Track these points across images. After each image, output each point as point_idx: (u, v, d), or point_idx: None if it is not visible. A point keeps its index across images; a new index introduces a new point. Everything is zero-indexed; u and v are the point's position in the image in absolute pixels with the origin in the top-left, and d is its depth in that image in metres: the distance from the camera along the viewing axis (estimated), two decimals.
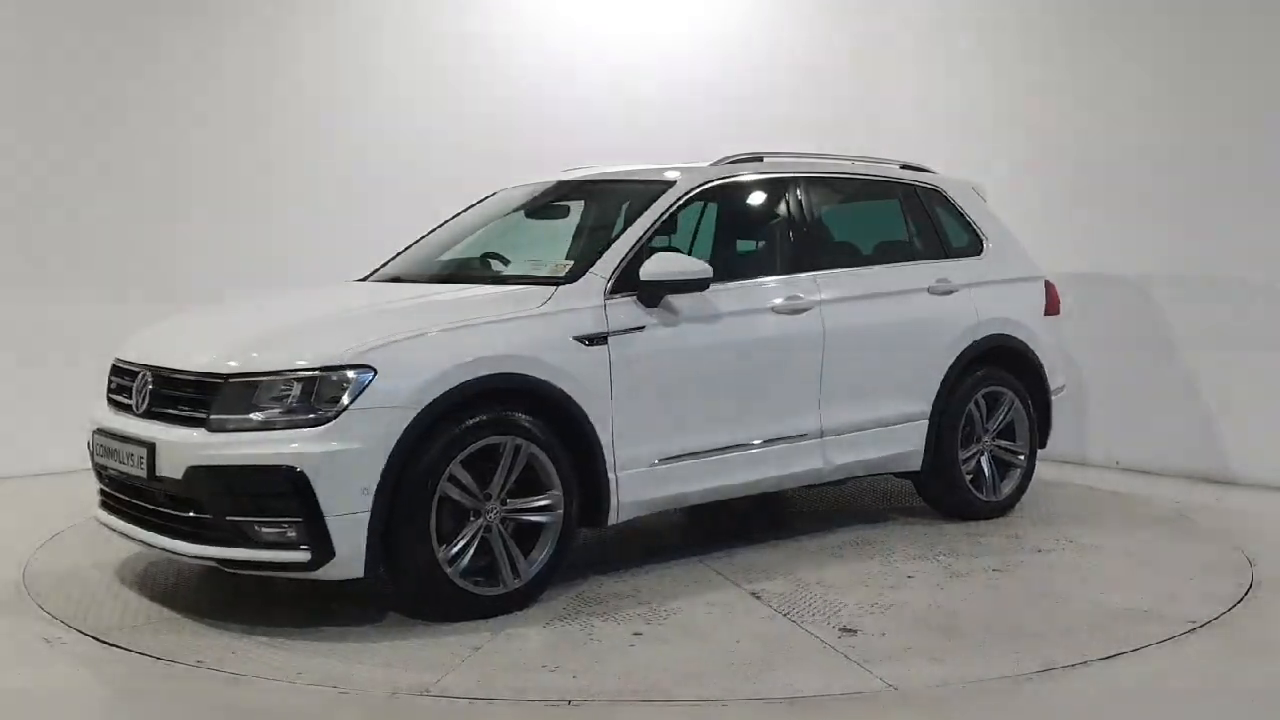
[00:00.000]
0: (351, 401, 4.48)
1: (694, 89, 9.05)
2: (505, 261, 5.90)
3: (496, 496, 4.79)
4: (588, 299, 5.13)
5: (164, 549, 4.70)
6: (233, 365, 4.62)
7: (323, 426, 4.45)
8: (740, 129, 8.36)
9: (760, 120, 8.87)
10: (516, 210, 6.30)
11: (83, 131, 7.59)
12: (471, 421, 4.69)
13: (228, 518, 4.50)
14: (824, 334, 5.78)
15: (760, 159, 6.04)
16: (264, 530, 4.47)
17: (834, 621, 4.72)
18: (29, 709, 3.95)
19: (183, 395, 4.71)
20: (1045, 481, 7.26)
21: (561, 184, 6.30)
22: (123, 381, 5.09)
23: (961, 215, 6.73)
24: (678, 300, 5.33)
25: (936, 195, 6.68)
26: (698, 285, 5.28)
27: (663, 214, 5.52)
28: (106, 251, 7.67)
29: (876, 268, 6.26)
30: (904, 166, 6.71)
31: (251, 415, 4.52)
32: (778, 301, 5.69)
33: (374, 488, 4.47)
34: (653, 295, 5.24)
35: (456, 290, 5.33)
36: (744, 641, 4.50)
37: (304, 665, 4.18)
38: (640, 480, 5.20)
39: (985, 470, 6.50)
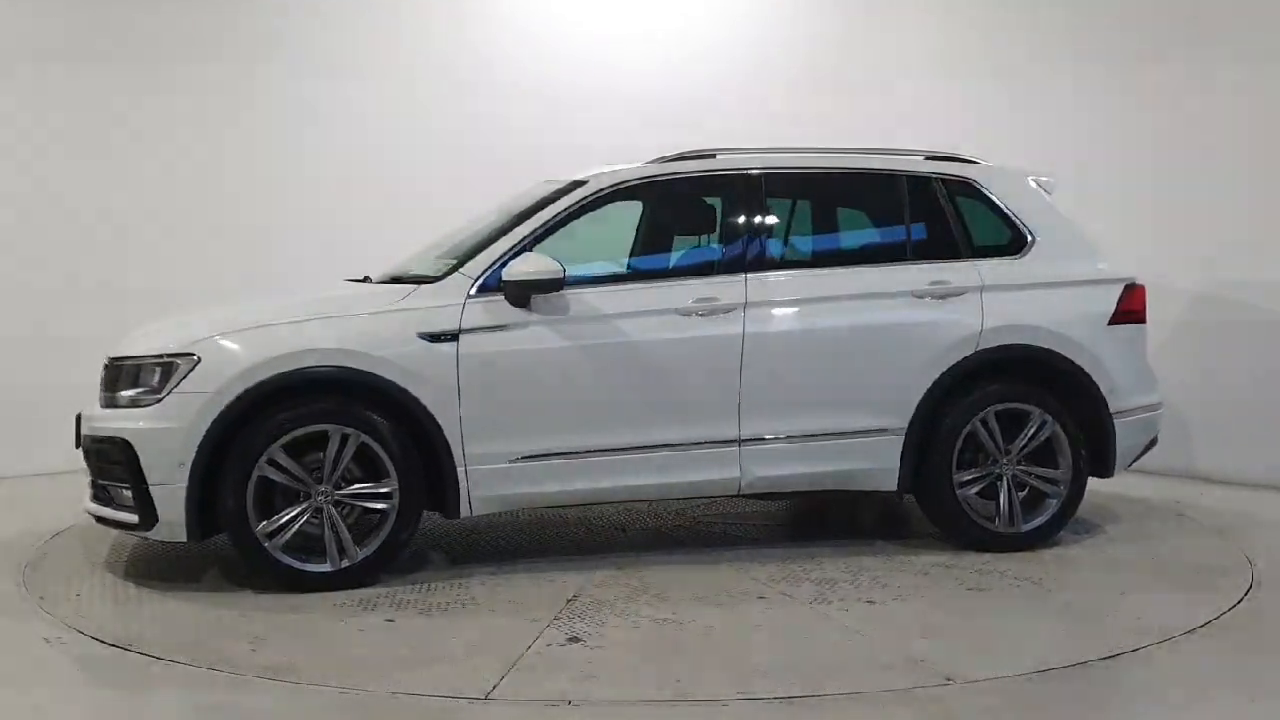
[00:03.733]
0: (177, 385, 5.07)
1: (704, 85, 8.73)
2: None
3: (327, 480, 5.15)
4: (444, 298, 5.31)
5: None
6: (119, 352, 5.38)
7: (154, 406, 5.09)
8: (765, 128, 7.86)
9: (783, 117, 8.32)
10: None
11: (84, 132, 7.85)
12: (293, 409, 5.09)
13: (99, 480, 5.28)
14: (744, 338, 5.48)
15: (713, 155, 5.81)
16: (119, 493, 5.19)
17: (582, 631, 4.60)
18: (29, 709, 3.96)
19: (106, 376, 5.54)
20: None
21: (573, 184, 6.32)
22: None
23: (1001, 210, 5.99)
24: (558, 300, 5.35)
25: (966, 188, 5.99)
26: (550, 285, 5.28)
27: (558, 215, 5.52)
28: (106, 252, 7.90)
29: (842, 269, 5.78)
30: (930, 157, 6.07)
31: (126, 393, 5.24)
32: (688, 303, 5.49)
33: (189, 463, 5.02)
34: (518, 295, 5.30)
35: (346, 288, 5.73)
36: (466, 639, 4.53)
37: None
38: (495, 476, 5.30)
39: (1002, 498, 5.77)
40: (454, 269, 5.42)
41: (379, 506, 5.20)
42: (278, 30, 8.36)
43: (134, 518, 5.11)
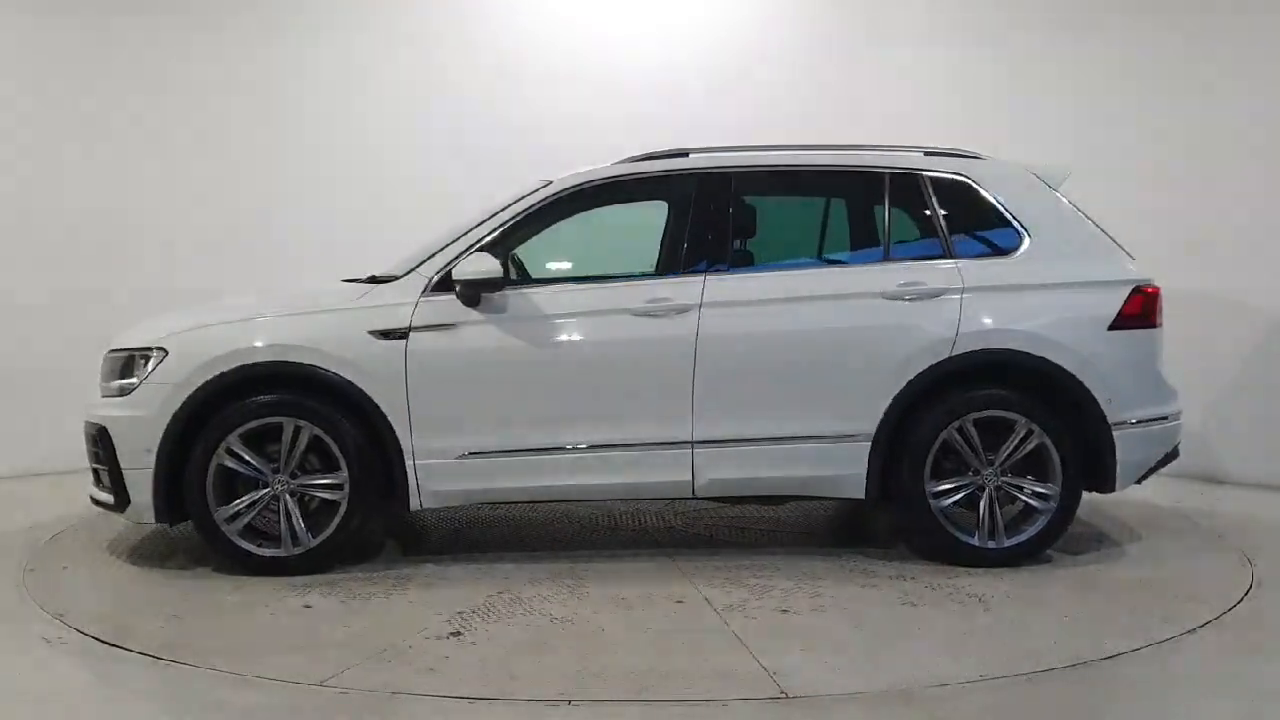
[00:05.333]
0: (147, 377, 5.42)
1: (703, 86, 8.55)
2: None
3: (284, 470, 5.40)
4: (398, 296, 5.47)
5: None
6: (112, 345, 5.78)
7: (129, 395, 5.46)
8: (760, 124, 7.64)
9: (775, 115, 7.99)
10: None
11: (86, 131, 7.98)
12: (248, 401, 5.36)
13: (91, 464, 5.70)
14: (697, 339, 5.42)
15: (685, 154, 5.75)
16: (103, 475, 5.58)
17: (471, 626, 4.67)
18: (29, 709, 3.98)
19: (101, 368, 5.93)
20: None
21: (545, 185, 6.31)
22: None
23: (995, 208, 5.70)
24: (508, 300, 5.44)
25: (958, 185, 5.72)
26: (492, 285, 5.37)
27: (516, 216, 5.60)
28: (106, 251, 8.03)
29: (809, 270, 5.64)
30: (929, 153, 5.83)
31: (113, 384, 5.63)
32: (640, 304, 5.47)
33: (155, 449, 5.36)
34: (469, 294, 5.41)
35: (318, 287, 5.97)
36: (356, 628, 4.68)
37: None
38: (445, 471, 5.42)
39: (982, 510, 5.51)
40: (415, 268, 5.56)
41: (331, 497, 5.40)
42: (279, 29, 8.50)
43: (111, 498, 5.48)
